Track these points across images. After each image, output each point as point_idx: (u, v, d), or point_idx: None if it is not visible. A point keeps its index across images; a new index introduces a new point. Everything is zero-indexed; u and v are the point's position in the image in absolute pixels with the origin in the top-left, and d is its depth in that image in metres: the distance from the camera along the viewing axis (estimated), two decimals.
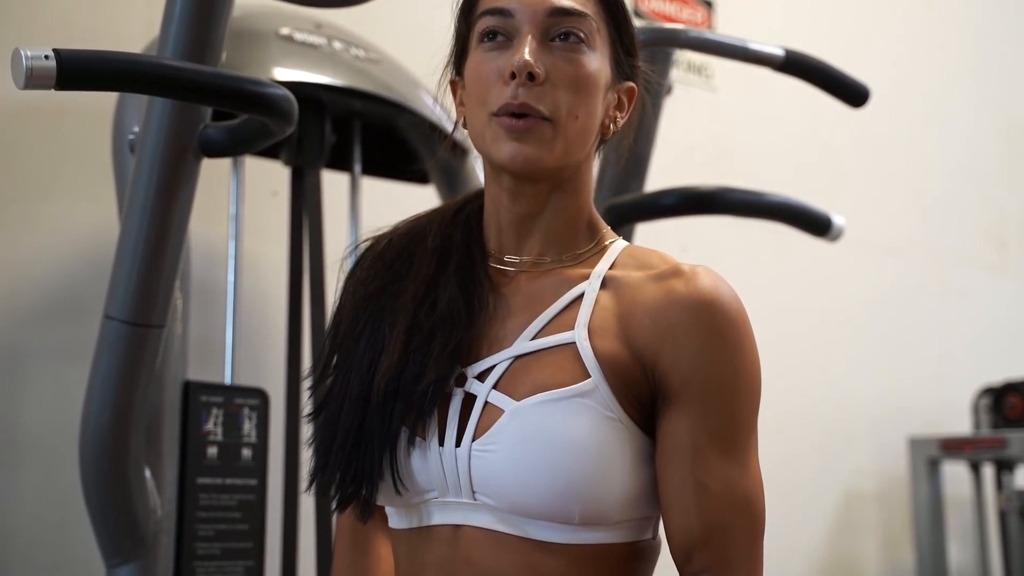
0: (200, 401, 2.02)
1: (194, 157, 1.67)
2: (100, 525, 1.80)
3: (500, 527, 1.07)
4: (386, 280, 1.17)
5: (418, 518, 1.12)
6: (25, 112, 2.38)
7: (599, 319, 1.10)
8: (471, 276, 1.15)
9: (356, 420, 1.11)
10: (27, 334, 2.34)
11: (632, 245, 1.19)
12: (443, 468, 1.08)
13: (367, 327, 1.15)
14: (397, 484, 1.10)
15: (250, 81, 1.52)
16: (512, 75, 1.10)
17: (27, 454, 2.30)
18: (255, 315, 2.55)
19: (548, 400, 1.06)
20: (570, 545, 1.06)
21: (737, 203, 2.15)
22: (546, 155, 1.11)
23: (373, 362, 1.12)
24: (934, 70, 4.34)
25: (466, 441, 1.08)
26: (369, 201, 2.50)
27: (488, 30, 1.13)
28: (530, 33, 1.11)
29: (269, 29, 2.21)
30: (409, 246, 1.18)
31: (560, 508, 1.04)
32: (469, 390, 1.10)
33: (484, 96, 1.12)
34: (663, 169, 2.34)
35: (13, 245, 2.35)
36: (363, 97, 2.26)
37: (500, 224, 1.17)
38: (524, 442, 1.05)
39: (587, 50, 1.13)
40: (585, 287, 1.12)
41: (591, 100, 1.13)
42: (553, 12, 1.12)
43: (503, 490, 1.06)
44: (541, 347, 1.10)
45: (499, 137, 1.11)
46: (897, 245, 4.09)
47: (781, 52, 2.11)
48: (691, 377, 1.06)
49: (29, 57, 1.28)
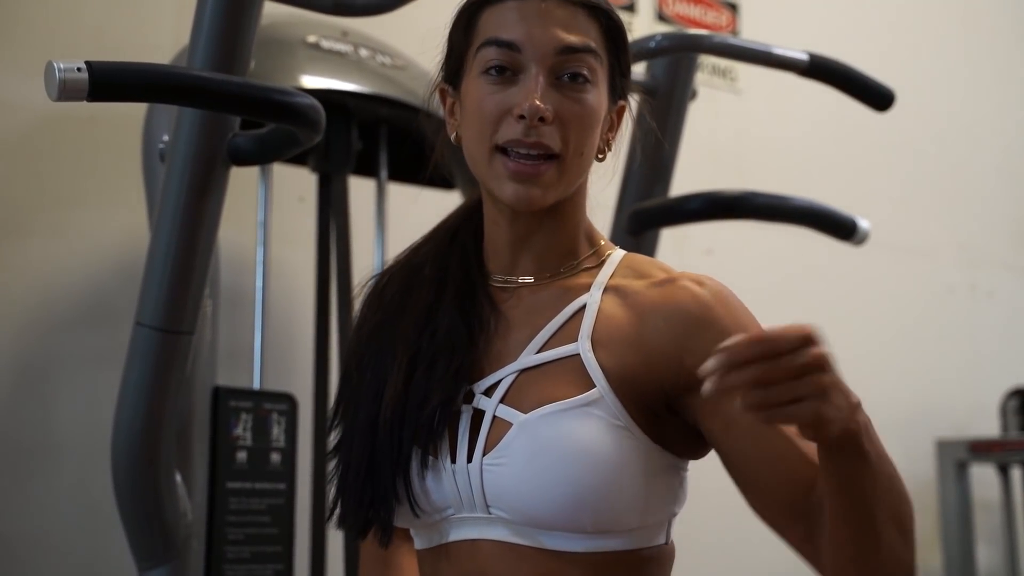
0: (229, 406, 2.04)
1: (223, 165, 1.69)
2: (132, 529, 1.82)
3: (515, 539, 1.08)
4: (387, 314, 1.18)
5: (437, 536, 1.13)
6: (56, 121, 2.40)
7: (603, 330, 1.10)
8: (470, 300, 1.15)
9: (366, 449, 1.12)
10: (58, 340, 2.37)
11: (630, 254, 1.19)
12: (456, 485, 1.09)
13: (372, 360, 1.16)
14: (414, 507, 1.11)
15: (278, 91, 1.54)
16: (521, 116, 1.09)
17: (59, 459, 2.33)
18: (283, 320, 2.57)
19: (555, 411, 1.07)
20: (585, 554, 1.07)
21: (762, 207, 2.15)
22: (549, 195, 1.12)
23: (378, 393, 1.13)
24: (960, 72, 4.32)
25: (477, 456, 1.08)
26: (395, 206, 2.52)
27: (493, 64, 1.11)
28: (539, 72, 1.10)
29: (296, 37, 2.23)
30: (408, 278, 1.19)
31: (572, 517, 1.05)
32: (477, 406, 1.11)
33: (488, 129, 1.11)
34: (687, 172, 2.34)
35: (44, 252, 2.38)
36: (389, 103, 2.28)
37: (496, 244, 1.18)
38: (533, 454, 1.05)
39: (591, 87, 1.12)
40: (587, 299, 1.13)
41: (593, 135, 1.13)
42: (563, 51, 1.11)
43: (515, 502, 1.06)
44: (546, 360, 1.11)
45: (502, 176, 1.11)
46: (924, 247, 4.07)
47: (805, 57, 2.11)
48: None
49: (62, 69, 1.30)
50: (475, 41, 1.14)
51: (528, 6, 1.12)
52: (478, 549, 1.09)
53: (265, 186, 2.28)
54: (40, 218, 2.39)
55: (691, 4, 3.58)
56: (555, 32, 1.10)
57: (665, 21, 3.51)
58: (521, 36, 1.11)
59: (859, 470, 0.97)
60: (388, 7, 1.81)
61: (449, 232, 1.22)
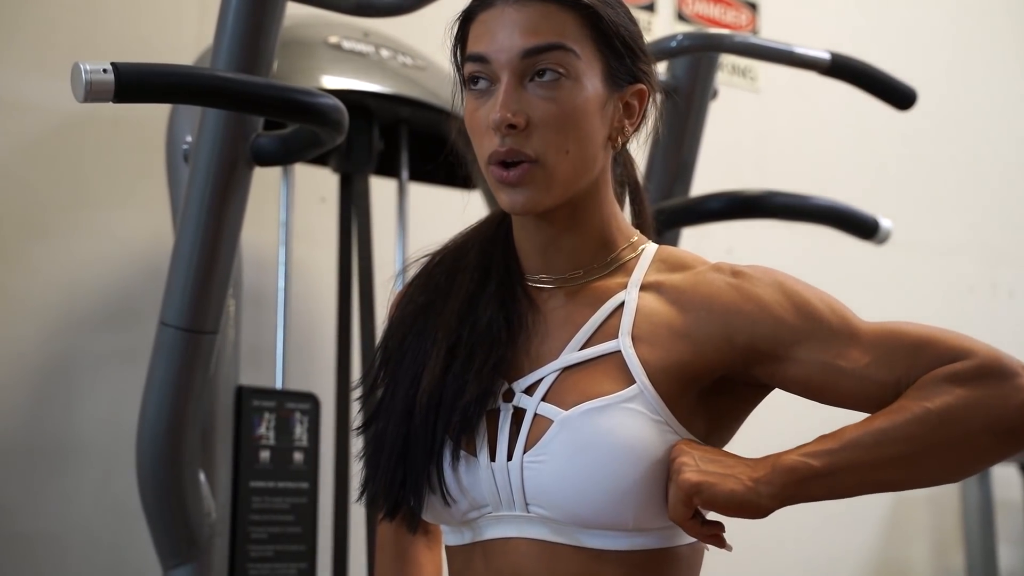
0: (252, 406, 2.05)
1: (246, 166, 1.69)
2: (157, 527, 1.83)
3: (554, 538, 1.08)
4: (432, 296, 1.18)
5: (471, 533, 1.13)
6: (80, 121, 2.42)
7: (643, 325, 1.11)
8: (511, 295, 1.16)
9: (401, 432, 1.13)
10: (82, 340, 2.39)
11: (663, 247, 1.20)
12: (495, 482, 1.10)
13: (413, 341, 1.16)
14: (445, 496, 1.11)
15: (301, 92, 1.55)
16: (494, 128, 1.10)
17: (83, 458, 2.35)
18: (305, 320, 2.58)
19: (595, 408, 1.07)
20: (623, 552, 1.07)
21: (783, 207, 2.14)
22: (543, 197, 1.11)
23: (416, 376, 1.14)
24: (981, 69, 4.30)
25: (517, 454, 1.09)
26: (416, 206, 2.53)
27: (471, 77, 1.13)
28: (507, 80, 1.10)
29: (318, 38, 2.24)
30: (454, 263, 1.20)
31: (614, 513, 1.05)
32: (518, 404, 1.11)
33: (478, 145, 1.13)
34: (707, 171, 2.34)
35: (69, 252, 2.39)
36: (410, 104, 2.29)
37: (526, 247, 1.18)
38: (574, 450, 1.06)
39: (568, 82, 1.11)
40: (624, 296, 1.13)
41: (581, 129, 1.12)
42: (526, 54, 1.10)
43: (557, 500, 1.07)
44: (587, 358, 1.11)
45: (495, 186, 1.12)
46: (945, 246, 4.06)
47: (827, 56, 2.10)
48: (776, 325, 1.09)
49: (88, 71, 1.31)
50: (464, 55, 1.16)
51: (495, 14, 1.12)
52: (515, 547, 1.10)
53: (287, 186, 2.29)
54: (64, 218, 2.41)
55: (711, 3, 3.57)
56: (518, 36, 1.10)
57: (685, 20, 3.50)
58: (488, 47, 1.11)
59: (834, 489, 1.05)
60: (409, 8, 1.82)
61: (495, 220, 1.22)
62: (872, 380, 1.07)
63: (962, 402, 1.04)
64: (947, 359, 1.06)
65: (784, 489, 1.03)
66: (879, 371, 1.07)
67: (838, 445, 1.04)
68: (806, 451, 1.04)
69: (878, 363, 1.07)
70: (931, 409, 1.04)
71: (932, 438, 1.04)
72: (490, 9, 1.13)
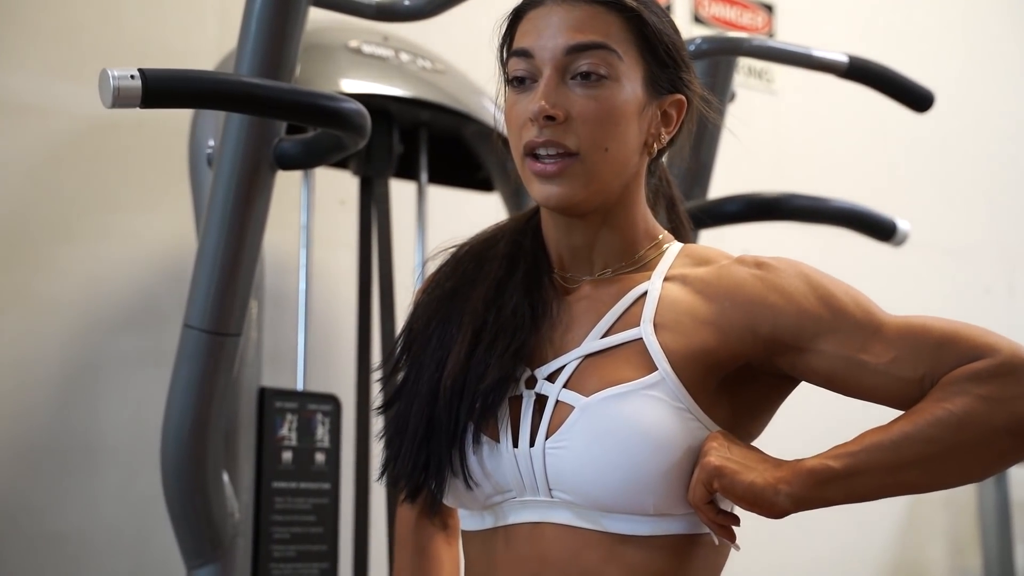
0: (275, 407, 2.07)
1: (269, 170, 1.71)
2: (181, 528, 1.85)
3: (578, 523, 1.10)
4: (459, 282, 1.20)
5: (493, 519, 1.15)
6: (103, 125, 2.44)
7: (666, 313, 1.12)
8: (537, 283, 1.18)
9: (425, 415, 1.14)
10: (106, 342, 2.41)
11: (688, 244, 1.22)
12: (519, 468, 1.11)
13: (439, 325, 1.18)
14: (468, 479, 1.13)
15: (325, 96, 1.56)
16: (532, 119, 1.12)
17: (107, 459, 2.37)
18: (326, 322, 2.59)
19: (616, 394, 1.09)
20: (647, 537, 1.09)
21: (801, 209, 2.15)
22: (579, 192, 1.13)
23: (441, 360, 1.16)
24: (998, 71, 4.29)
25: (539, 440, 1.10)
26: (435, 209, 2.54)
27: (515, 75, 1.15)
28: (549, 76, 1.13)
29: (338, 42, 2.26)
30: (482, 252, 1.22)
31: (633, 498, 1.07)
32: (540, 391, 1.13)
33: (516, 139, 1.15)
34: (724, 173, 2.35)
35: (93, 256, 2.42)
36: (430, 107, 2.30)
37: (557, 248, 1.20)
38: (594, 436, 1.08)
39: (610, 83, 1.13)
40: (647, 286, 1.15)
41: (620, 130, 1.14)
42: (569, 51, 1.13)
43: (578, 485, 1.08)
44: (609, 345, 1.13)
45: (531, 179, 1.14)
46: (962, 247, 4.05)
47: (845, 59, 2.11)
48: (800, 316, 1.10)
49: (116, 77, 1.33)
50: (507, 53, 1.19)
51: (543, 12, 1.15)
52: (539, 532, 1.11)
53: (307, 189, 2.30)
54: (88, 222, 2.43)
55: (727, 6, 3.58)
56: (563, 34, 1.13)
57: (701, 23, 3.51)
58: (533, 43, 1.14)
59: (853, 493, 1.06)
60: (429, 13, 1.84)
61: (526, 216, 1.24)
62: (896, 377, 1.08)
63: (982, 404, 1.04)
64: (970, 357, 1.06)
65: (803, 491, 1.04)
66: (903, 368, 1.08)
67: (858, 448, 1.05)
68: (826, 454, 1.06)
69: (902, 360, 1.08)
70: (952, 411, 1.04)
71: (952, 440, 1.04)
72: (539, 8, 1.15)
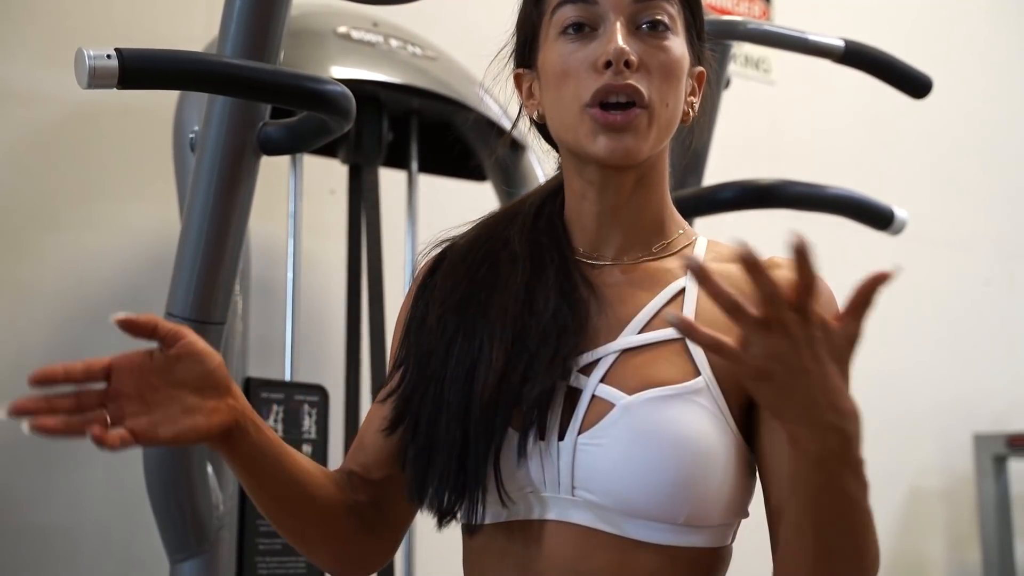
0: (261, 397, 2.04)
1: (253, 155, 1.68)
2: (164, 521, 1.82)
3: (596, 524, 1.04)
4: (474, 288, 1.13)
5: (507, 512, 1.08)
6: (88, 112, 2.41)
7: (706, 315, 1.06)
8: (569, 281, 1.12)
9: (459, 431, 1.07)
10: (90, 332, 2.37)
11: (711, 240, 1.18)
12: (542, 462, 1.05)
13: (458, 335, 1.11)
14: (503, 496, 1.06)
15: (308, 78, 1.53)
16: (607, 64, 1.07)
17: (90, 451, 2.32)
18: (314, 312, 2.57)
19: (661, 396, 1.04)
20: (665, 547, 1.04)
21: (797, 196, 2.12)
22: (642, 145, 1.09)
23: (470, 372, 1.08)
24: (997, 59, 4.27)
25: (570, 435, 1.05)
26: (426, 198, 2.51)
27: (571, 21, 1.10)
28: (618, 20, 1.08)
29: (327, 27, 2.22)
30: (492, 252, 1.15)
31: (668, 508, 1.02)
32: (573, 384, 1.07)
33: (574, 89, 1.09)
34: (721, 162, 2.32)
35: (77, 244, 2.39)
36: (420, 94, 2.27)
37: (584, 220, 1.15)
38: (635, 437, 1.02)
39: (672, 36, 1.11)
40: (685, 282, 1.10)
41: (679, 87, 1.11)
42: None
43: (609, 485, 1.03)
44: (648, 342, 1.08)
45: (594, 131, 1.08)
46: (962, 238, 4.03)
47: (841, 43, 2.08)
48: None
49: (92, 56, 1.29)
50: (548, 7, 1.13)
51: None
52: (553, 530, 1.06)
53: (296, 178, 2.27)
54: (71, 210, 2.40)
55: None
56: None
57: None
58: None
59: (835, 482, 0.93)
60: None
61: (533, 208, 1.19)
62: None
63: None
64: None
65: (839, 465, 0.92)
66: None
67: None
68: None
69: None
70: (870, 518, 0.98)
71: (858, 533, 0.97)
72: None
